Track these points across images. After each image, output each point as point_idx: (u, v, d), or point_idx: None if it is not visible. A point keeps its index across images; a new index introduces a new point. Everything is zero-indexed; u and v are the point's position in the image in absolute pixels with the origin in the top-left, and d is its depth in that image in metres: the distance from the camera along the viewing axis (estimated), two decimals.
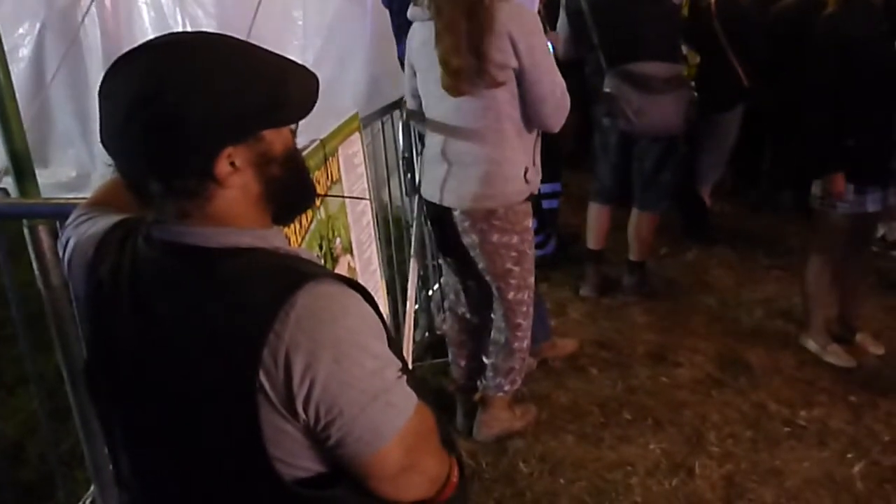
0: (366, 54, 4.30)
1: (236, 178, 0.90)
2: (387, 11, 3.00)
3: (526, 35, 2.16)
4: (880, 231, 4.38)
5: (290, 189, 0.98)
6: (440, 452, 1.01)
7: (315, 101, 0.96)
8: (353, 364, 0.87)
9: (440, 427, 1.03)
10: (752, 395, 2.88)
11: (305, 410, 0.86)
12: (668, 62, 3.32)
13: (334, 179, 1.81)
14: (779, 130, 4.78)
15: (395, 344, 0.97)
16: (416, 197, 2.65)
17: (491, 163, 2.28)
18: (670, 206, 3.84)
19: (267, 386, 0.85)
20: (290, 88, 0.93)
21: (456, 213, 2.38)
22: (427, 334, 3.32)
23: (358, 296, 0.93)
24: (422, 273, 3.20)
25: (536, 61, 2.19)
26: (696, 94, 3.47)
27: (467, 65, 2.13)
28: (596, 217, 3.70)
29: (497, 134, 2.26)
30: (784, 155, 4.76)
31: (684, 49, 3.84)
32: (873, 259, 3.89)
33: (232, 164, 0.89)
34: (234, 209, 0.92)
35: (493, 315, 2.59)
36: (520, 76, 2.20)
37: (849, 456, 2.53)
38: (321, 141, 1.73)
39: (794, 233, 4.24)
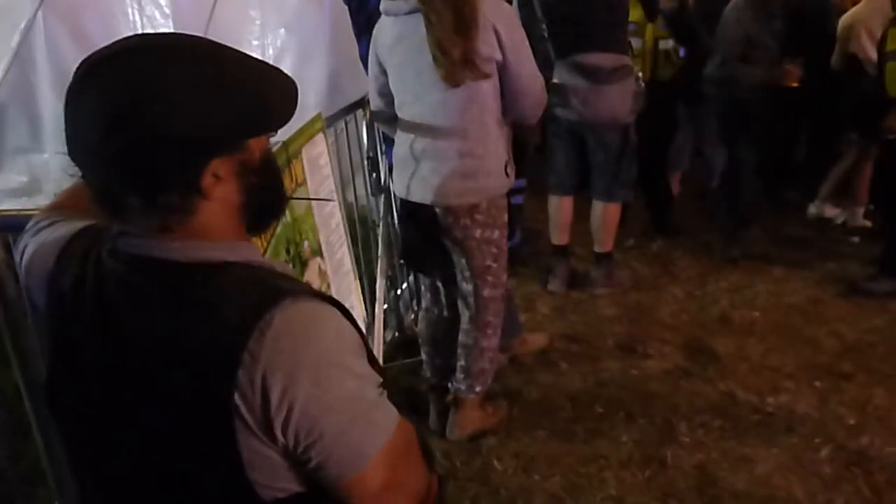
0: (325, 52, 4.26)
1: (219, 190, 0.87)
2: (346, 8, 2.96)
3: (509, 28, 2.18)
4: (840, 218, 4.48)
5: (268, 196, 0.95)
6: (422, 468, 0.99)
7: (296, 106, 0.93)
8: (333, 385, 0.84)
9: (420, 442, 1.00)
10: (721, 384, 2.91)
11: (284, 434, 0.83)
12: (615, 53, 3.35)
13: (299, 182, 1.77)
14: None
15: (373, 357, 0.95)
16: (383, 196, 2.62)
17: (474, 157, 2.28)
18: (634, 197, 3.88)
19: (243, 409, 0.82)
20: (272, 94, 0.90)
21: (437, 210, 2.36)
22: (397, 334, 3.29)
23: (336, 312, 0.90)
24: (390, 273, 3.18)
25: (519, 55, 2.21)
26: (643, 84, 3.51)
27: (458, 56, 2.12)
28: (557, 210, 3.72)
29: (480, 128, 2.26)
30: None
31: (671, 42, 3.89)
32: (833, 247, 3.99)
33: (215, 175, 0.85)
34: (214, 221, 0.89)
35: (461, 316, 2.57)
36: (502, 69, 2.21)
37: (816, 441, 2.57)
38: (283, 143, 1.70)
39: (757, 222, 4.30)
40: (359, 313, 2.13)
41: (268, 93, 0.89)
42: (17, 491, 1.98)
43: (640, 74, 3.56)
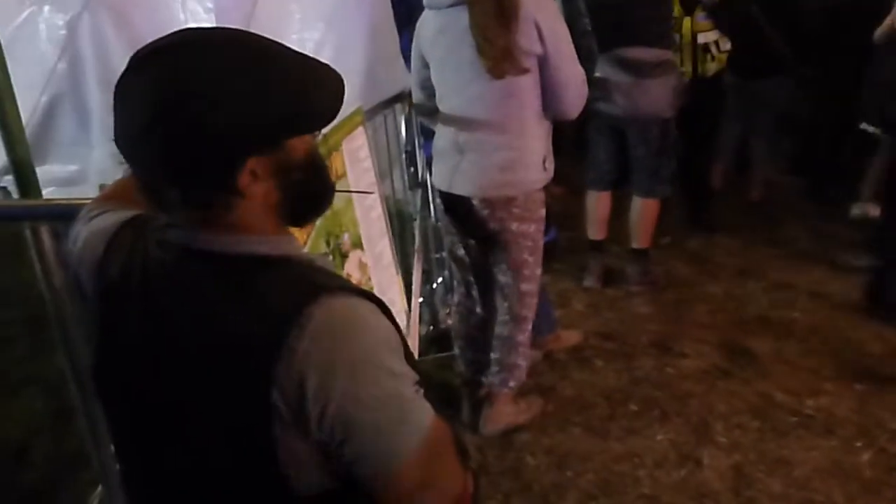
0: (364, 46, 4.26)
1: (257, 188, 0.88)
2: (387, 2, 2.98)
3: (550, 22, 2.18)
4: None
5: (311, 192, 0.95)
6: (457, 466, 0.98)
7: (340, 107, 0.92)
8: (370, 382, 0.85)
9: (455, 439, 1.00)
10: (759, 385, 2.87)
11: (320, 429, 0.84)
12: (658, 48, 3.33)
13: (339, 174, 1.78)
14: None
15: (410, 354, 0.95)
16: (420, 191, 2.64)
17: (512, 150, 2.29)
18: (672, 193, 3.83)
19: (280, 402, 0.83)
20: (316, 94, 0.89)
21: (475, 202, 2.37)
22: (431, 328, 3.30)
23: (375, 308, 0.90)
24: (425, 267, 3.19)
25: (560, 48, 2.21)
26: (686, 79, 3.47)
27: (501, 46, 2.13)
28: (595, 205, 3.70)
29: (519, 122, 2.27)
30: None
31: (710, 36, 3.83)
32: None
33: (252, 173, 0.86)
34: (251, 218, 0.90)
35: (498, 308, 2.58)
36: (542, 63, 2.21)
37: (856, 444, 2.52)
38: (323, 136, 1.71)
39: (797, 220, 4.22)
40: (399, 307, 2.14)
41: (311, 94, 0.89)
42: (63, 474, 2.03)
43: (684, 70, 3.52)
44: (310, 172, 0.93)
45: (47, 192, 4.00)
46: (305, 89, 0.88)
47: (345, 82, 0.94)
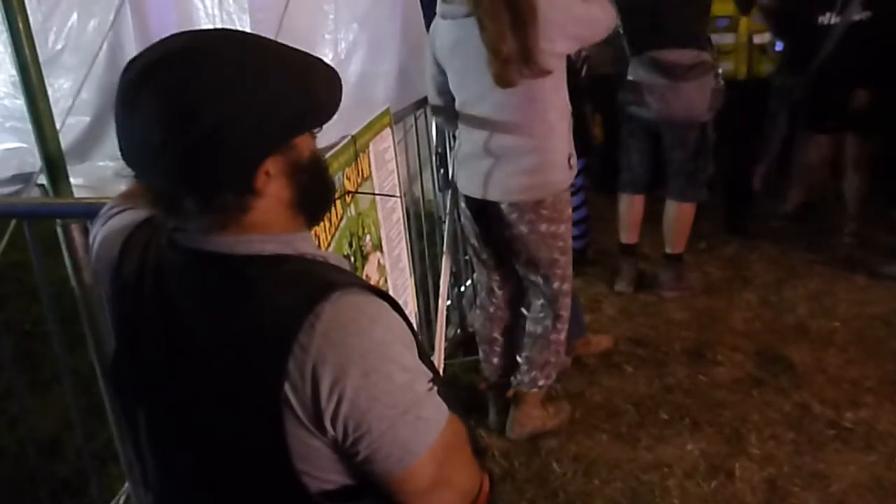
0: (396, 47, 4.28)
1: (271, 187, 0.88)
2: (417, 2, 2.97)
3: (570, 21, 2.18)
4: None
5: (317, 192, 0.96)
6: (472, 465, 0.97)
7: (340, 100, 0.93)
8: (383, 378, 0.84)
9: (471, 438, 0.99)
10: (795, 395, 2.79)
11: (333, 426, 0.84)
12: (693, 49, 3.26)
13: (365, 176, 1.78)
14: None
15: (424, 352, 0.94)
16: (449, 192, 2.63)
17: (538, 152, 2.29)
18: (711, 197, 3.75)
19: (293, 399, 0.82)
20: (318, 90, 0.90)
21: (503, 206, 2.36)
22: (459, 331, 3.29)
23: (386, 305, 0.90)
24: (454, 269, 3.17)
25: (585, 38, 2.31)
26: (723, 81, 3.39)
27: (515, 54, 2.11)
28: (627, 208, 3.64)
29: (543, 124, 2.26)
30: None
31: (766, 36, 3.76)
32: None
33: (267, 173, 0.86)
34: (268, 217, 0.90)
35: (529, 308, 2.57)
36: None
37: None
38: (352, 137, 1.71)
39: (839, 225, 4.11)
40: (411, 309, 2.14)
41: (313, 89, 0.89)
42: (91, 468, 2.05)
43: (720, 71, 3.44)
44: (314, 172, 0.93)
45: (84, 191, 4.10)
46: (309, 85, 0.88)
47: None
